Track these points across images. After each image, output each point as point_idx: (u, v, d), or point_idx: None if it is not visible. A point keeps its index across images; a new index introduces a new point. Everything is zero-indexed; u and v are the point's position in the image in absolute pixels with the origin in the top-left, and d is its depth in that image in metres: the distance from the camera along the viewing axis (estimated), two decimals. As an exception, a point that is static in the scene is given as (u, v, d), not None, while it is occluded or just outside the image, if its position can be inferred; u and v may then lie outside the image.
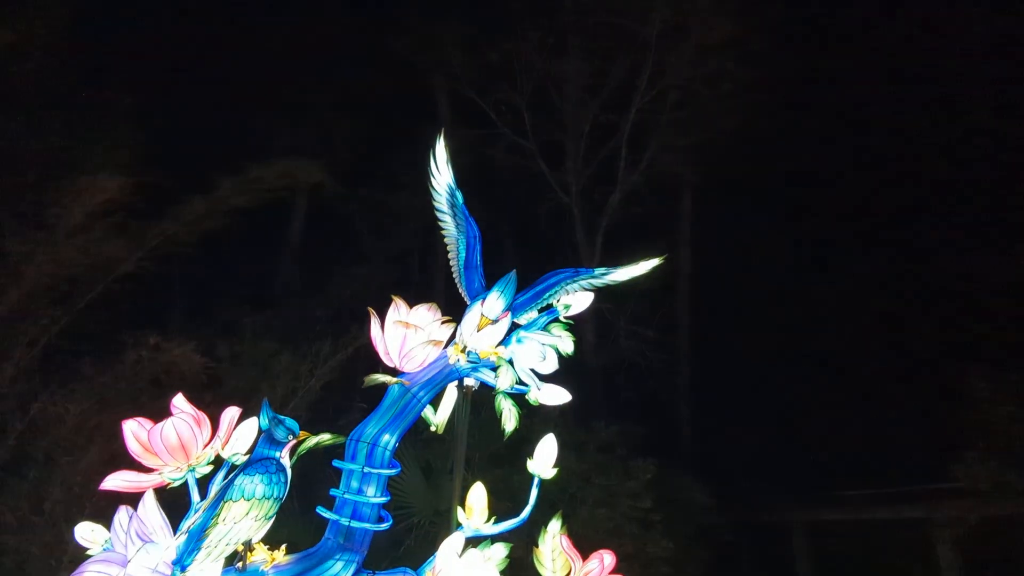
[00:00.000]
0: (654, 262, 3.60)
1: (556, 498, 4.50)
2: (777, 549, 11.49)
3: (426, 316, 4.30)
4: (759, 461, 11.66)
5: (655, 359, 12.69)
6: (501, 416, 4.30)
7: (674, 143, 14.84)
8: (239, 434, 4.19)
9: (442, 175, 4.08)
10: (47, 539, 6.42)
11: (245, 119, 12.47)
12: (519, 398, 4.40)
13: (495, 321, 4.06)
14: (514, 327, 4.35)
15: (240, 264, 10.93)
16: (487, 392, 4.83)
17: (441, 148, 4.16)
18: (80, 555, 3.92)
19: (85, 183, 7.29)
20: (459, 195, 4.01)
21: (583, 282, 4.31)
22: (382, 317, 4.35)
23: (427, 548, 4.20)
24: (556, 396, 4.32)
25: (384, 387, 4.41)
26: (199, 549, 3.47)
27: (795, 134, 14.04)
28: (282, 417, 3.94)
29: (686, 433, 12.62)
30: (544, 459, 4.19)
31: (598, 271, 4.33)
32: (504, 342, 4.26)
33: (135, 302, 7.98)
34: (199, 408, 4.32)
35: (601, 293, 5.02)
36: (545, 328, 4.32)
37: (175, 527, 3.84)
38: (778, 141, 13.92)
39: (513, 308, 4.22)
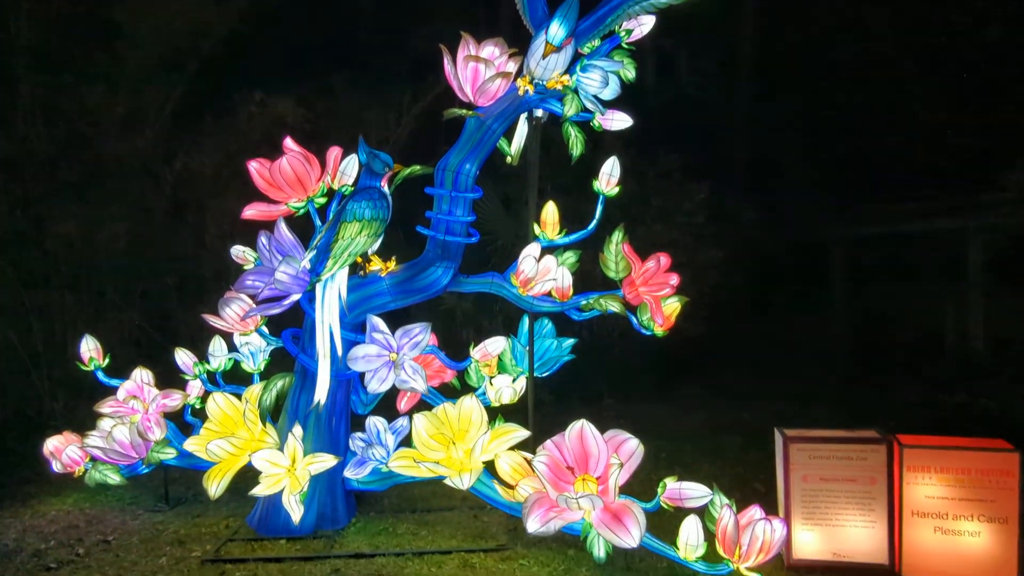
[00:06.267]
0: (716, -26, 3.11)
1: (618, 219, 4.55)
2: (815, 258, 11.58)
3: (494, 51, 4.06)
4: (806, 183, 11.25)
5: (713, 91, 11.84)
6: (568, 143, 4.22)
7: None
8: (344, 169, 4.35)
9: None
10: (215, 266, 7.20)
11: None
12: (584, 126, 4.26)
13: (559, 48, 3.78)
14: (578, 57, 4.07)
15: (321, 23, 10.35)
16: (555, 130, 4.70)
17: None
18: (239, 272, 4.42)
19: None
20: (518, -85, 3.48)
21: (644, 4, 3.87)
22: (454, 56, 4.14)
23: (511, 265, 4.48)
24: (619, 121, 4.17)
25: (463, 121, 4.36)
26: (327, 259, 3.83)
27: None
28: (377, 152, 4.02)
29: (740, 159, 12.16)
30: (607, 178, 4.19)
31: (659, -10, 3.84)
32: (569, 71, 4.02)
33: (235, 65, 7.84)
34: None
35: (662, 28, 4.52)
36: (608, 55, 4.01)
37: (305, 246, 4.20)
38: None
39: (576, 35, 3.89)
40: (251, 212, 4.24)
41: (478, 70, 3.95)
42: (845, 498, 3.47)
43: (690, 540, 3.36)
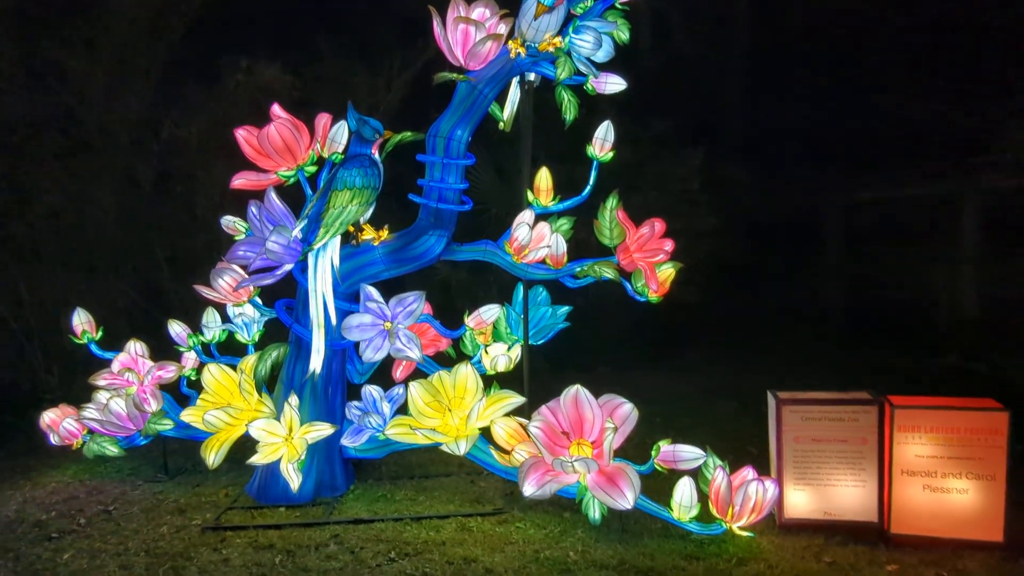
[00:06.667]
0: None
1: (612, 185, 4.50)
2: (808, 225, 11.58)
3: (485, 12, 3.98)
4: (801, 148, 11.18)
5: (708, 55, 11.65)
6: (561, 107, 4.17)
7: None
8: (333, 136, 4.28)
9: None
10: (206, 237, 7.14)
11: None
12: (578, 89, 4.20)
13: (551, 8, 3.71)
14: (570, 18, 3.99)
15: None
16: (548, 96, 4.63)
17: None
18: (231, 243, 4.39)
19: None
20: None
21: (639, -38, 3.77)
22: (444, 18, 4.05)
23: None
24: (613, 84, 4.11)
25: (453, 86, 4.29)
26: (319, 228, 3.80)
27: None
28: (367, 118, 3.96)
29: (735, 125, 12.04)
30: (601, 143, 4.15)
31: (654, -54, 3.73)
32: (562, 33, 3.95)
33: (219, 30, 7.65)
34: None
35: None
36: (601, 16, 3.93)
37: (296, 216, 4.17)
38: None
39: (568, -5, 3.82)
40: (240, 181, 4.19)
41: (468, 32, 3.87)
42: (836, 458, 3.54)
43: (684, 501, 3.43)
